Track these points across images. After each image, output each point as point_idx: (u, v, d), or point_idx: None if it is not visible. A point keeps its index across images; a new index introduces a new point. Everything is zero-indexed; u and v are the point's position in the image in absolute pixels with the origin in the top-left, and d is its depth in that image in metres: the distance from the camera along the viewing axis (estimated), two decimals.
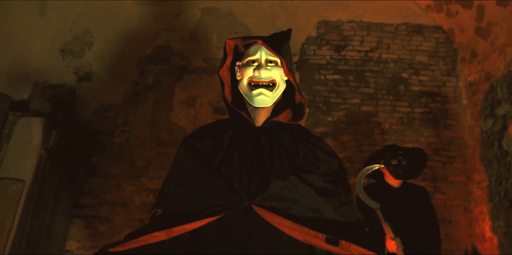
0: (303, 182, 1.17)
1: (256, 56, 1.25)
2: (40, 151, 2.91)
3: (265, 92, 1.23)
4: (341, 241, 1.12)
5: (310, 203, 1.16)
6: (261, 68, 1.22)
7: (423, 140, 3.55)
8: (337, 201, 1.20)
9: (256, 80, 1.23)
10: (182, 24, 3.75)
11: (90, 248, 3.30)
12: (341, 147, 3.52)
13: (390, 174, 2.43)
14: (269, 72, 1.23)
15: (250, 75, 1.24)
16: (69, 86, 3.58)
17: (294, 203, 1.15)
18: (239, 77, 1.28)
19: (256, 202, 1.13)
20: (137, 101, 3.62)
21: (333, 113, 3.57)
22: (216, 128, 1.31)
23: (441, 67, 3.70)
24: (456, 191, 3.48)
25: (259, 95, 1.22)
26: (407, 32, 3.76)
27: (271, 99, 1.25)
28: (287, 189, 1.16)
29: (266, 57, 1.25)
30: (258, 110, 1.27)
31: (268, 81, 1.23)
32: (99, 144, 3.52)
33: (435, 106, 3.63)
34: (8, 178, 2.70)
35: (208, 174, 1.18)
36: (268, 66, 1.24)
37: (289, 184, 1.16)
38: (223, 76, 1.31)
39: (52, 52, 3.67)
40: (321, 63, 3.66)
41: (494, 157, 3.20)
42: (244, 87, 1.26)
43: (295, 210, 1.15)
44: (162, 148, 3.52)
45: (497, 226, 3.14)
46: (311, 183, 1.18)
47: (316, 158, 1.24)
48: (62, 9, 3.69)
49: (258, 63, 1.24)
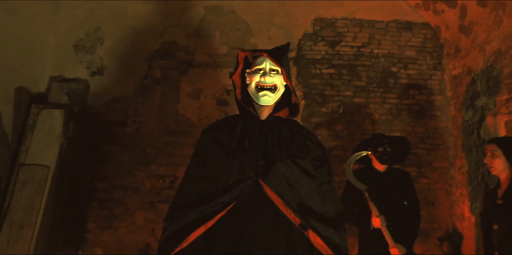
0: (296, 165, 1.53)
1: (262, 66, 1.58)
2: (61, 140, 3.21)
3: (268, 93, 1.57)
4: (309, 229, 1.45)
5: (300, 181, 1.52)
6: (266, 75, 1.56)
7: (410, 129, 3.86)
8: (319, 181, 1.55)
9: (262, 84, 1.57)
10: (187, 21, 4.00)
11: (106, 228, 3.63)
12: (335, 136, 3.82)
13: (377, 159, 2.74)
14: (272, 79, 1.57)
15: (257, 80, 1.58)
16: (83, 79, 3.85)
17: (288, 180, 1.50)
18: (248, 81, 1.61)
19: (263, 179, 1.47)
20: (146, 93, 3.90)
21: (328, 105, 3.87)
22: (229, 121, 1.65)
23: (428, 62, 3.99)
24: (439, 176, 3.82)
25: (264, 96, 1.57)
26: (397, 29, 4.03)
27: (273, 99, 1.60)
28: (284, 169, 1.51)
29: (270, 67, 1.58)
30: (262, 108, 1.61)
31: (271, 85, 1.57)
32: (112, 134, 3.81)
33: (422, 98, 3.93)
34: (34, 164, 3.00)
35: (226, 156, 1.51)
36: (271, 73, 1.58)
37: (286, 165, 1.51)
38: (235, 81, 1.64)
39: (66, 47, 3.93)
40: (316, 58, 3.94)
41: (474, 144, 3.51)
42: (252, 90, 1.59)
43: (287, 187, 1.48)
44: (169, 137, 3.82)
45: (474, 207, 3.48)
46: (301, 166, 1.53)
47: (306, 147, 1.59)
48: (74, 7, 3.94)
49: (264, 71, 1.58)
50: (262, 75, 1.56)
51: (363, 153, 2.60)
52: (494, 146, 2.34)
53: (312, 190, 1.52)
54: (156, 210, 3.72)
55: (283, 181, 1.50)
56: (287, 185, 1.50)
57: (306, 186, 1.51)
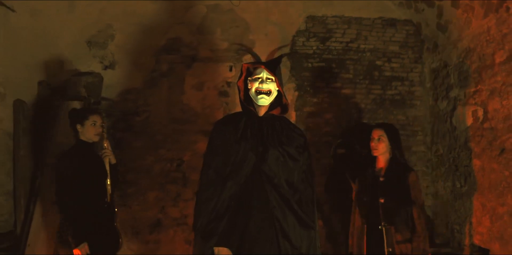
0: (284, 151, 2.03)
1: (260, 75, 2.04)
2: None
3: (265, 97, 2.03)
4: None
5: (287, 162, 2.03)
6: (263, 82, 2.03)
7: (392, 117, 4.29)
8: (300, 162, 2.07)
9: (260, 89, 2.03)
10: (190, 19, 4.37)
11: (121, 206, 4.06)
12: (325, 123, 4.26)
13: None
14: (267, 85, 2.03)
15: (257, 86, 2.04)
16: (96, 73, 4.24)
17: (279, 161, 2.01)
18: (249, 87, 2.07)
19: (261, 160, 1.97)
20: (154, 85, 4.29)
21: (318, 95, 4.29)
22: (235, 117, 2.13)
23: (410, 56, 4.39)
24: (418, 159, 4.28)
25: (261, 98, 2.03)
26: (382, 25, 4.40)
27: (268, 101, 2.06)
28: (276, 154, 2.01)
29: (266, 76, 2.03)
30: (260, 107, 2.08)
31: (267, 90, 2.03)
32: (124, 122, 4.23)
33: (403, 89, 4.35)
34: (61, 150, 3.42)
35: (234, 144, 2.00)
36: (267, 81, 2.04)
37: (277, 151, 2.01)
38: (240, 86, 2.11)
39: (80, 43, 4.29)
40: (308, 53, 4.33)
41: (447, 131, 3.96)
42: (253, 93, 2.06)
43: (278, 166, 2.00)
44: (176, 125, 4.24)
45: (446, 186, 3.95)
46: (288, 151, 2.04)
47: (292, 137, 2.09)
48: (87, 6, 4.28)
49: (261, 79, 2.04)
50: (260, 82, 2.03)
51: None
52: (382, 131, 2.73)
53: (294, 169, 2.04)
54: (165, 190, 4.18)
55: (275, 162, 1.99)
56: (278, 164, 2.00)
57: (291, 166, 2.03)
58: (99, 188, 2.79)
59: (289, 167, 2.01)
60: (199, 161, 4.08)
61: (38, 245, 3.14)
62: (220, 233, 1.90)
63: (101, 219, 2.73)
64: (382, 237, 2.61)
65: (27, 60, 3.71)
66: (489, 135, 3.26)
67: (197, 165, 4.10)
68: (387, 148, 2.76)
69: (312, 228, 2.00)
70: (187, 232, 4.10)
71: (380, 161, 2.81)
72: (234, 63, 4.31)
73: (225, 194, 1.95)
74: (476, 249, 3.37)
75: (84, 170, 2.71)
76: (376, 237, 2.65)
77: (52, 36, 4.09)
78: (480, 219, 3.34)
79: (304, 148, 2.10)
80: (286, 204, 1.95)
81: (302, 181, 2.05)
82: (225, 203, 1.94)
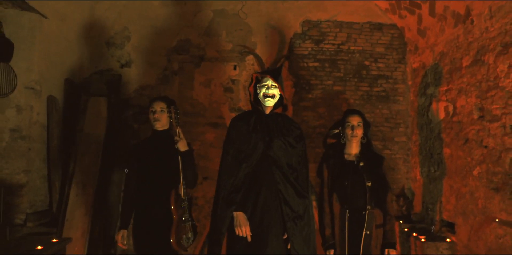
0: (285, 140, 2.59)
1: (267, 83, 2.58)
2: (106, 121, 4.16)
3: (270, 99, 2.58)
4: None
5: (288, 149, 2.60)
6: (269, 89, 2.57)
7: (378, 111, 4.86)
8: (297, 149, 2.63)
9: (266, 94, 2.58)
10: (198, 22, 4.87)
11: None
12: (318, 117, 4.82)
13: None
14: (272, 91, 2.58)
15: (264, 91, 2.58)
16: (114, 71, 4.75)
17: (282, 148, 2.57)
18: (258, 91, 2.62)
19: (268, 148, 2.54)
20: (166, 82, 4.81)
21: (313, 92, 4.84)
22: (247, 115, 2.70)
23: (394, 57, 4.94)
24: (399, 148, 4.87)
25: (267, 101, 2.58)
26: (370, 29, 4.94)
27: (273, 103, 2.61)
28: (280, 142, 2.58)
29: (271, 83, 2.58)
30: (267, 107, 2.64)
31: (271, 94, 2.58)
32: (140, 116, 4.76)
33: (388, 86, 4.91)
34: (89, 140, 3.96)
35: (246, 135, 2.57)
36: (272, 87, 2.58)
37: (280, 141, 2.58)
38: (251, 91, 2.65)
39: (99, 44, 4.80)
40: (304, 54, 4.86)
41: (424, 123, 4.54)
42: (261, 97, 2.60)
43: (282, 152, 2.58)
44: (187, 118, 4.76)
45: (423, 171, 4.54)
46: (288, 141, 2.60)
47: (291, 130, 2.65)
48: (105, 10, 4.78)
49: (267, 86, 2.58)
50: (266, 88, 2.58)
51: (335, 131, 3.60)
52: (359, 118, 2.79)
53: (293, 154, 2.62)
54: None
55: (278, 149, 2.57)
56: (281, 150, 2.58)
57: (290, 151, 2.61)
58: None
59: (289, 153, 2.58)
60: (207, 150, 4.72)
61: (74, 220, 3.69)
62: (238, 202, 2.48)
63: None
64: (363, 220, 2.63)
65: (55, 60, 4.19)
66: (456, 127, 3.83)
67: (205, 153, 4.72)
68: (362, 134, 2.79)
69: (306, 197, 2.58)
70: (196, 212, 4.67)
71: (354, 147, 2.82)
72: (238, 63, 4.84)
73: (241, 173, 2.52)
74: (445, 224, 3.98)
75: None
76: (356, 221, 2.65)
77: (76, 38, 4.58)
78: (448, 198, 3.93)
79: (300, 138, 2.67)
80: (287, 180, 2.53)
81: (298, 163, 2.61)
82: (241, 180, 2.51)
